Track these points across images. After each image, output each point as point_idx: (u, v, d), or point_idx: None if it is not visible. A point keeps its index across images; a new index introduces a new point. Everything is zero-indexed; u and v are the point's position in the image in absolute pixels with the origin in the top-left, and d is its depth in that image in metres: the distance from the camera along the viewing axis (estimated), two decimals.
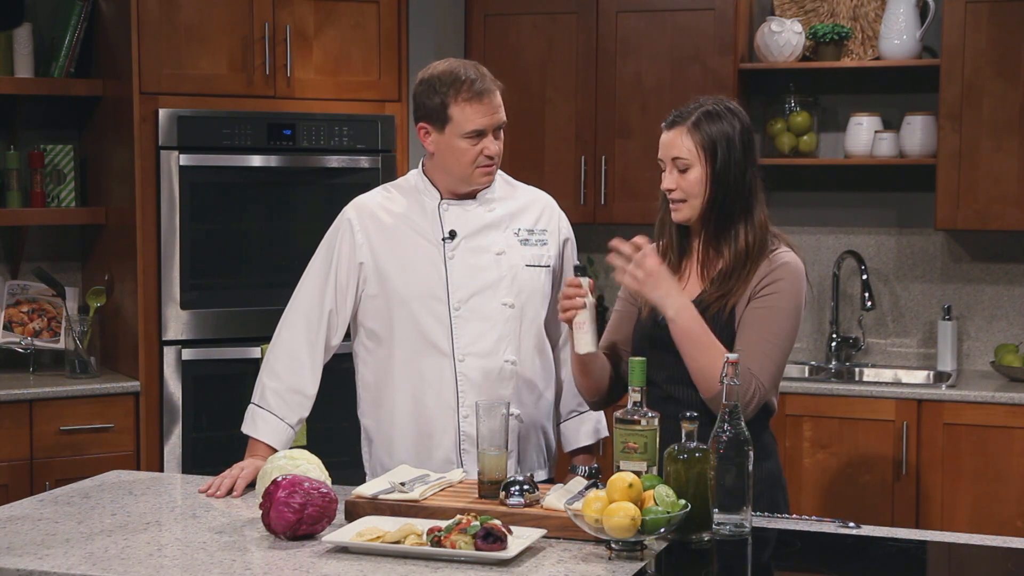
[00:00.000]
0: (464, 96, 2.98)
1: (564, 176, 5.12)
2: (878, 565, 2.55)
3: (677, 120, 2.88)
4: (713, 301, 2.82)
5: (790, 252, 2.87)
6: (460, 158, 3.02)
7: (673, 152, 2.85)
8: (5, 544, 2.51)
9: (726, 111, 2.86)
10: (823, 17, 5.12)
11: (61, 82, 4.71)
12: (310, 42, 4.78)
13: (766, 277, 2.82)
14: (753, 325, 2.79)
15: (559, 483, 2.78)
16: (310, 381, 3.07)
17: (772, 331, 2.79)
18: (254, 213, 4.74)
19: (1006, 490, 4.44)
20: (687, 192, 2.84)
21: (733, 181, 2.83)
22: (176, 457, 4.57)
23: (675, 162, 2.85)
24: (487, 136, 3.01)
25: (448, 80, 3.00)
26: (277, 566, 2.39)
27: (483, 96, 2.99)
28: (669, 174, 2.86)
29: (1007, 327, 4.99)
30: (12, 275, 4.85)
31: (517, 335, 3.08)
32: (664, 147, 2.88)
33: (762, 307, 2.80)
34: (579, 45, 5.11)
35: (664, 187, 2.87)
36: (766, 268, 2.83)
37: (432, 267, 3.06)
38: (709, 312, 2.81)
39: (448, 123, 3.00)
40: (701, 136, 2.83)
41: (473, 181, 3.06)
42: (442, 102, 3.00)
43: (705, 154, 2.82)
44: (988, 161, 4.68)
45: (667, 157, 2.87)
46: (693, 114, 2.86)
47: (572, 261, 3.22)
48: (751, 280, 2.83)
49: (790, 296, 2.81)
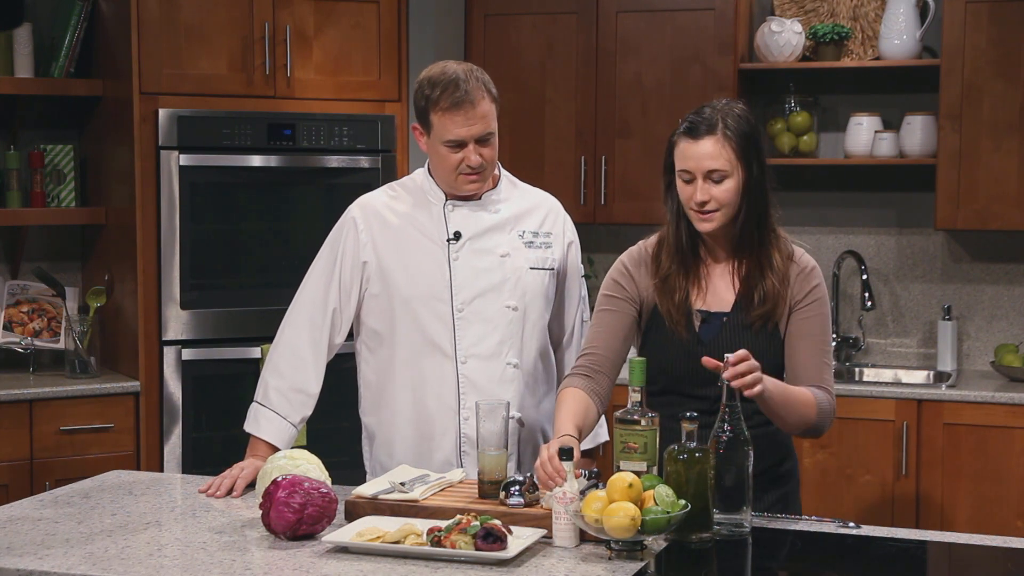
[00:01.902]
0: (443, 105, 2.94)
1: (564, 176, 5.12)
2: (878, 565, 2.54)
3: (703, 129, 2.74)
4: (756, 320, 2.81)
5: (806, 253, 2.89)
6: (444, 164, 3.01)
7: (708, 164, 2.73)
8: (5, 544, 2.51)
9: (744, 112, 2.79)
10: (823, 17, 5.12)
11: (61, 82, 4.71)
12: (310, 42, 4.78)
13: (800, 285, 2.82)
14: (803, 338, 2.81)
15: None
16: (313, 379, 3.07)
17: (824, 339, 2.83)
18: (254, 213, 4.74)
19: (1006, 490, 4.44)
20: (721, 202, 2.75)
21: (763, 184, 2.80)
22: (176, 457, 4.57)
23: (711, 174, 2.73)
24: (467, 147, 2.97)
25: (432, 85, 2.97)
26: (277, 566, 2.39)
27: (461, 106, 2.93)
28: (703, 185, 2.74)
29: (1007, 327, 4.99)
30: (12, 275, 4.85)
31: (520, 338, 3.07)
32: (692, 158, 2.74)
33: (806, 318, 2.81)
34: (579, 45, 5.11)
35: (698, 200, 2.74)
36: (795, 272, 2.84)
37: (436, 268, 3.05)
38: (753, 329, 2.81)
39: (431, 129, 3.00)
40: (737, 143, 2.73)
41: (459, 187, 3.04)
42: (425, 107, 2.99)
43: (742, 161, 2.75)
44: (988, 161, 4.68)
45: (698, 169, 2.74)
46: (717, 119, 2.74)
47: (576, 264, 3.22)
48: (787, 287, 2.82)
49: (824, 300, 2.86)
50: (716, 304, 2.84)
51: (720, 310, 2.84)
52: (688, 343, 2.82)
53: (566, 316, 3.21)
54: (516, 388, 3.07)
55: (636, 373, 2.63)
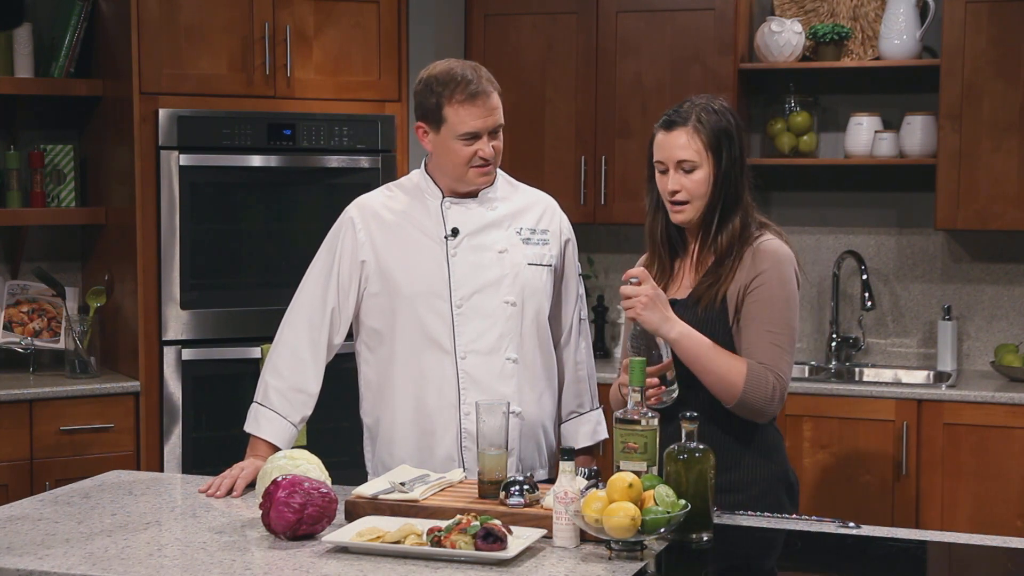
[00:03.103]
0: (458, 98, 2.98)
1: (564, 176, 5.12)
2: (878, 565, 2.55)
3: (676, 121, 2.85)
4: (704, 291, 2.84)
5: (774, 240, 2.87)
6: (455, 159, 3.02)
7: (678, 154, 2.83)
8: (5, 544, 2.51)
9: (722, 108, 2.87)
10: (823, 17, 5.12)
11: (61, 82, 4.71)
12: (310, 42, 4.78)
13: (752, 268, 2.82)
14: (751, 321, 2.80)
15: None
16: (313, 379, 3.08)
17: (771, 320, 2.79)
18: (254, 213, 4.74)
19: (1006, 490, 4.44)
20: (692, 193, 2.83)
21: (734, 178, 2.84)
22: (176, 457, 4.57)
23: (680, 164, 2.83)
24: (482, 138, 3.01)
25: (444, 81, 3.00)
26: (277, 566, 2.39)
27: (477, 98, 2.98)
28: (674, 176, 2.83)
29: (1007, 327, 4.99)
30: (12, 275, 4.85)
31: (519, 333, 3.08)
32: (665, 149, 2.85)
33: (755, 301, 2.80)
34: (579, 45, 5.11)
35: (669, 189, 2.84)
36: (750, 258, 2.84)
37: (434, 265, 3.06)
38: (701, 304, 2.83)
39: (443, 124, 3.01)
40: (707, 135, 2.82)
41: (469, 182, 3.06)
42: (437, 103, 3.00)
43: (711, 153, 2.82)
44: (988, 161, 4.68)
45: (670, 159, 2.84)
46: (691, 113, 2.84)
47: (574, 262, 3.23)
48: (739, 269, 2.82)
49: (778, 283, 2.81)
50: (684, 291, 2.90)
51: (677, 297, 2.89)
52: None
53: (564, 314, 3.22)
54: (516, 383, 3.07)
55: (636, 373, 2.63)
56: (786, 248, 2.87)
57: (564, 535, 2.49)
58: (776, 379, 2.76)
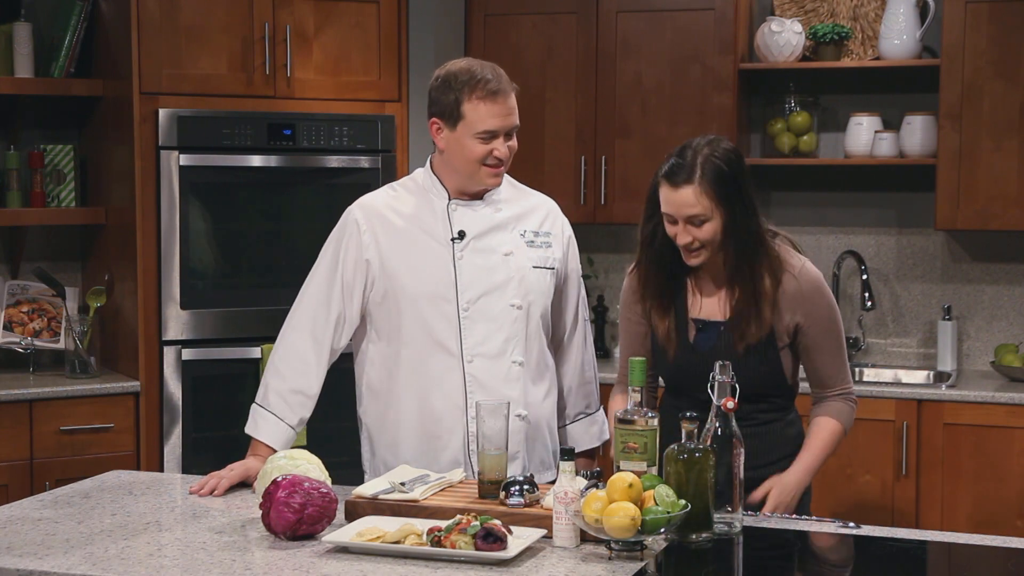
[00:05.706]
0: (479, 95, 2.97)
1: (564, 176, 5.12)
2: (878, 565, 2.55)
3: (681, 176, 2.84)
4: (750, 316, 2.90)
5: (806, 261, 2.97)
6: (469, 155, 3.00)
7: (687, 211, 2.84)
8: (5, 544, 2.51)
9: (725, 153, 2.87)
10: (823, 17, 5.12)
11: (61, 82, 4.71)
12: (310, 42, 4.78)
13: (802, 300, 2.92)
14: (820, 352, 2.97)
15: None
16: (315, 381, 3.07)
17: (839, 345, 3.00)
18: (254, 213, 4.74)
19: (1006, 490, 4.44)
20: (705, 241, 2.87)
21: (745, 221, 2.88)
22: (176, 457, 4.57)
23: (691, 219, 2.85)
24: (498, 138, 2.99)
25: (465, 78, 2.98)
26: (277, 566, 2.39)
27: (498, 96, 2.98)
28: (684, 229, 2.86)
29: (1007, 327, 4.99)
30: (12, 275, 4.85)
31: (524, 336, 3.07)
32: (673, 205, 2.86)
33: (819, 332, 2.95)
34: (579, 45, 5.11)
35: (681, 243, 2.88)
36: (793, 285, 2.91)
37: (441, 267, 3.05)
38: (746, 339, 2.90)
39: (461, 121, 2.99)
40: (714, 190, 2.83)
41: (480, 181, 3.04)
42: (456, 99, 2.98)
43: (721, 205, 2.85)
44: (988, 161, 4.68)
45: (679, 215, 2.86)
46: (696, 166, 2.84)
47: (575, 265, 3.23)
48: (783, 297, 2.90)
49: (829, 309, 2.97)
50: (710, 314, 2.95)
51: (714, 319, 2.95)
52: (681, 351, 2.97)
53: (566, 316, 3.21)
54: (522, 386, 3.06)
55: (636, 373, 2.63)
56: (816, 271, 2.98)
57: (564, 535, 2.49)
58: (850, 402, 3.04)
